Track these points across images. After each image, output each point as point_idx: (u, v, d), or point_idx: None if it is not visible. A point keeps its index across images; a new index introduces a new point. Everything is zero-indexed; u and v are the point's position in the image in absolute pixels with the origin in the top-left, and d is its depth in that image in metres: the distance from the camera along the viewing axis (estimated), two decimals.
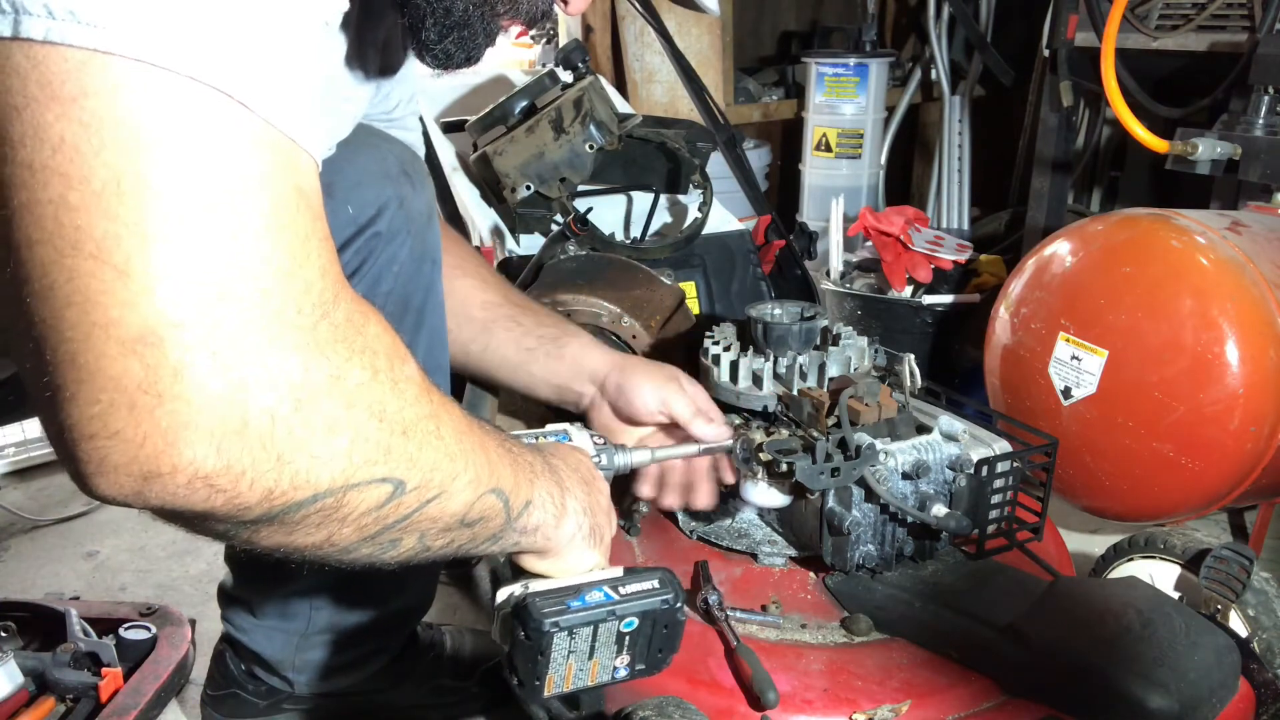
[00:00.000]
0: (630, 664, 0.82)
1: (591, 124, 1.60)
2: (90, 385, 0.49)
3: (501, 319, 1.15)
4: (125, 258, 0.48)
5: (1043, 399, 1.51)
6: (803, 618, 1.03)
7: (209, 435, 0.51)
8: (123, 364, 0.49)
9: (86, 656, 1.22)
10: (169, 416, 0.50)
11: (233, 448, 0.51)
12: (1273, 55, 1.66)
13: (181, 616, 1.34)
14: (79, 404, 0.50)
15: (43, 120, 0.48)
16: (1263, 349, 1.28)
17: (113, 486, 0.51)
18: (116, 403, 0.49)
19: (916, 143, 3.57)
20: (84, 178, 0.48)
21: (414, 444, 0.62)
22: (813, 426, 1.04)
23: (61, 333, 0.49)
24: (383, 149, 1.01)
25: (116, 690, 1.18)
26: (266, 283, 0.52)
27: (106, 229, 0.48)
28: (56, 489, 2.04)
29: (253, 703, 1.25)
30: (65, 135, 0.48)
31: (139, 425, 0.50)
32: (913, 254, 2.12)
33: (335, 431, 0.56)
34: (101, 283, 0.48)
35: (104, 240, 0.48)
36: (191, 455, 0.51)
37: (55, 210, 0.48)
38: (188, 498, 0.52)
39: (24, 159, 0.48)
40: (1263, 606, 1.11)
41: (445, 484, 0.65)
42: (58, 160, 0.48)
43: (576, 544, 0.82)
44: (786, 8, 3.64)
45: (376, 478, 0.59)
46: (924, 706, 0.91)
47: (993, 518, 1.04)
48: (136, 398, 0.49)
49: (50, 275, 0.49)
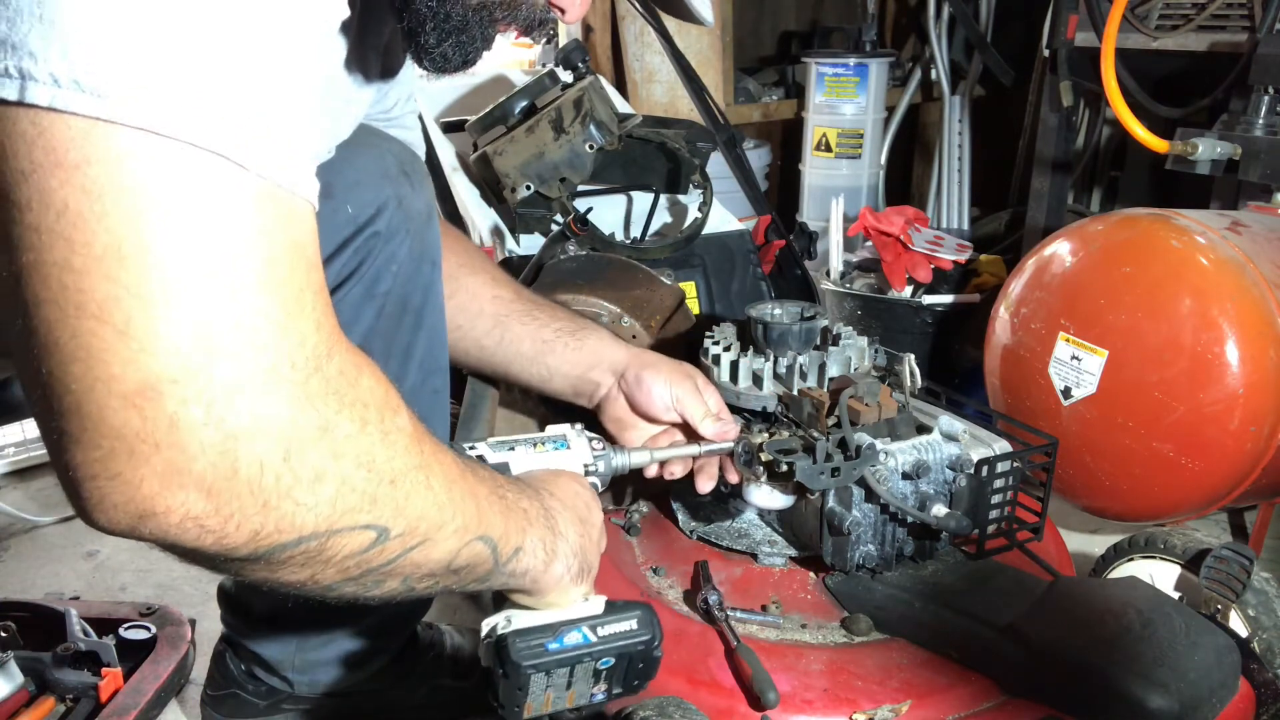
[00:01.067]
0: (607, 691, 0.84)
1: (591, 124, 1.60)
2: (93, 433, 0.53)
3: (515, 313, 1.15)
4: (125, 319, 0.52)
5: (1043, 399, 1.51)
6: (803, 618, 1.03)
7: (200, 481, 0.54)
8: (123, 416, 0.52)
9: (86, 656, 1.22)
10: (164, 463, 0.53)
11: (222, 493, 0.55)
12: (1273, 55, 1.66)
13: (181, 616, 1.34)
14: (83, 448, 0.53)
15: (47, 186, 0.51)
16: (1263, 349, 1.29)
17: (111, 522, 0.55)
18: (117, 450, 0.53)
19: (916, 143, 3.57)
20: (86, 242, 0.51)
21: (401, 493, 0.64)
22: (813, 427, 1.04)
23: (67, 385, 0.53)
24: (381, 149, 1.01)
25: (116, 690, 1.18)
26: (262, 338, 0.55)
27: (108, 291, 0.51)
28: (56, 489, 2.04)
29: (252, 703, 1.25)
30: (69, 201, 0.51)
31: (136, 470, 0.53)
32: (913, 254, 2.12)
33: (321, 480, 0.59)
34: (103, 341, 0.52)
35: (105, 302, 0.51)
36: (183, 499, 0.54)
37: (60, 273, 0.51)
38: (179, 535, 0.56)
39: (30, 222, 0.51)
40: (1263, 606, 1.11)
41: (430, 532, 0.67)
42: (62, 225, 0.51)
43: (564, 584, 0.83)
44: (786, 8, 3.64)
45: (360, 524, 0.62)
46: (924, 706, 0.91)
47: (993, 518, 1.04)
48: (135, 446, 0.53)
49: (56, 332, 0.52)
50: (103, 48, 0.50)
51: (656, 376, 1.09)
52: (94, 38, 0.50)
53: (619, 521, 1.22)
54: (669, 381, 1.09)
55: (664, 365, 1.11)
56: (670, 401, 1.08)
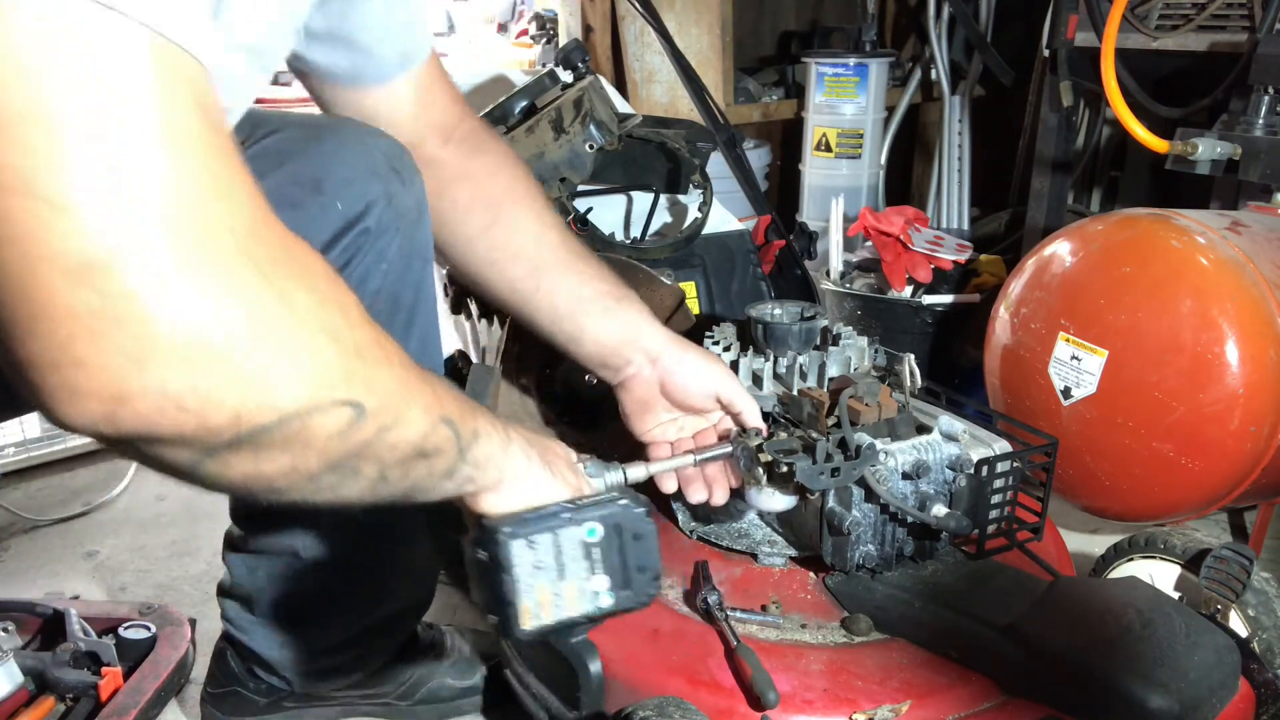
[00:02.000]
0: (611, 587, 0.78)
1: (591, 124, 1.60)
2: (47, 318, 0.49)
3: (556, 262, 1.06)
4: (52, 190, 0.48)
5: (1043, 399, 1.51)
6: (803, 618, 1.03)
7: (169, 355, 0.51)
8: (75, 294, 0.49)
9: (86, 656, 1.22)
10: (130, 341, 0.50)
11: (196, 368, 0.52)
12: (1273, 55, 1.66)
13: (181, 616, 1.34)
14: (39, 337, 0.50)
15: None
16: (1263, 349, 1.29)
17: (83, 414, 0.52)
18: (76, 332, 0.50)
19: (916, 143, 3.57)
20: None
21: (369, 367, 0.62)
22: (812, 427, 1.04)
23: (8, 271, 0.49)
24: (370, 144, 0.99)
25: (116, 690, 1.18)
26: (194, 200, 0.52)
27: (25, 163, 0.48)
28: (56, 489, 2.04)
29: (253, 700, 1.26)
30: None
31: (100, 351, 0.50)
32: (913, 254, 2.12)
33: (292, 352, 0.56)
34: (36, 218, 0.48)
35: (27, 174, 0.48)
36: (159, 376, 0.51)
37: None
38: (157, 421, 0.53)
39: None
40: (1263, 606, 1.11)
41: (401, 410, 0.65)
42: None
43: (533, 472, 0.79)
44: (786, 8, 3.64)
45: (338, 399, 0.59)
46: (924, 706, 0.91)
47: (993, 518, 1.04)
48: (94, 325, 0.50)
49: None
50: None
51: (695, 364, 1.05)
52: None
53: None
54: (708, 369, 1.05)
55: (701, 354, 1.07)
56: (711, 388, 1.05)
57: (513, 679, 1.12)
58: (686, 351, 1.06)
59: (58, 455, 2.10)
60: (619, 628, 1.01)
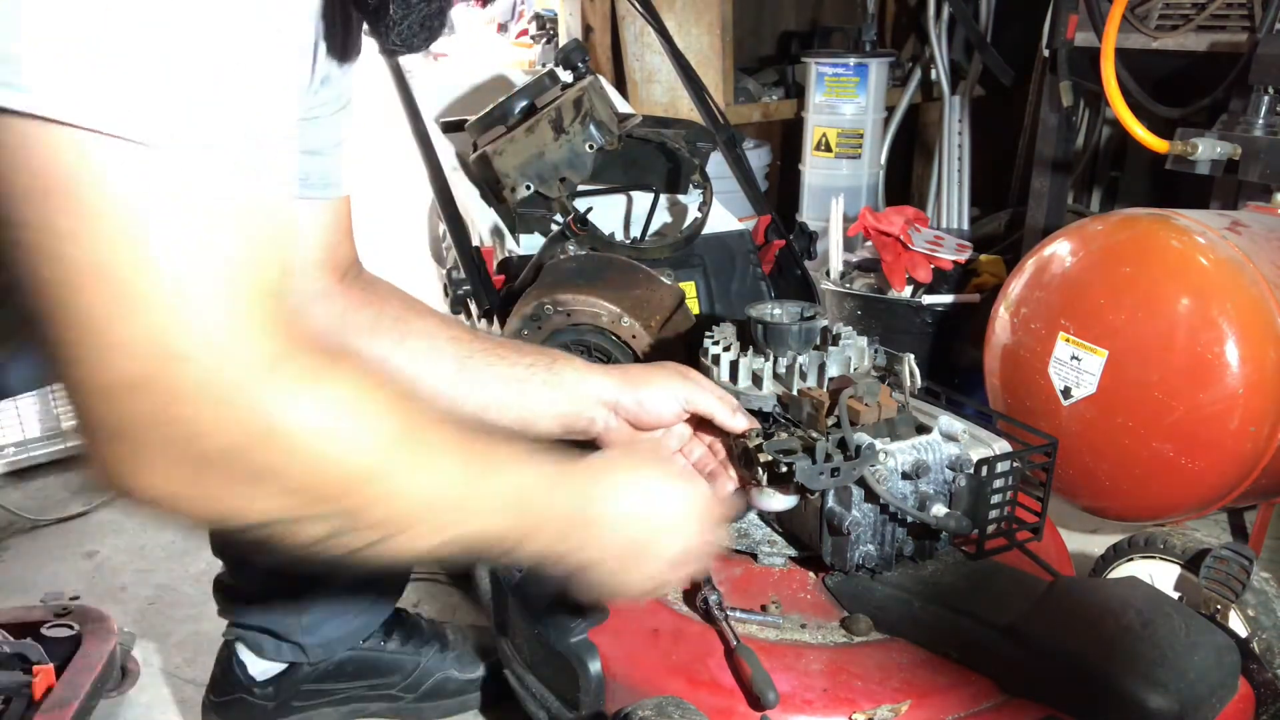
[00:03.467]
0: None
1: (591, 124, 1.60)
2: (83, 421, 0.58)
3: (478, 353, 1.04)
4: (96, 322, 0.55)
5: (1043, 399, 1.51)
6: (802, 618, 1.03)
7: (168, 467, 0.59)
8: (103, 408, 0.57)
9: (14, 657, 1.21)
10: (133, 450, 0.58)
11: (187, 479, 0.60)
12: (1273, 55, 1.66)
13: (101, 612, 1.33)
14: (80, 430, 0.59)
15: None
16: (1263, 349, 1.28)
17: (104, 486, 0.60)
18: (98, 436, 0.58)
19: (916, 143, 3.57)
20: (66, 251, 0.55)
21: (371, 490, 0.65)
22: (812, 427, 1.04)
23: (63, 377, 0.58)
24: None
25: (50, 687, 1.18)
26: (219, 337, 0.57)
27: (86, 299, 0.55)
28: (56, 489, 2.04)
29: (260, 705, 1.26)
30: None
31: (114, 452, 0.59)
32: (913, 254, 2.12)
33: (280, 474, 0.62)
34: (81, 342, 0.56)
35: (85, 307, 0.55)
36: (156, 480, 0.59)
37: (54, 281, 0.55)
38: (157, 506, 0.61)
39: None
40: (1263, 606, 1.11)
41: (403, 527, 0.69)
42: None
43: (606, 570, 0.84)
44: (786, 8, 3.64)
45: (322, 513, 0.65)
46: (924, 706, 0.91)
47: (992, 518, 1.04)
48: (113, 432, 0.58)
49: (51, 329, 0.56)
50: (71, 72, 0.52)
51: (655, 392, 1.05)
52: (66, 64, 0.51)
53: None
54: (668, 390, 1.05)
55: (656, 377, 1.06)
56: (680, 406, 1.05)
57: (512, 679, 1.12)
58: (640, 388, 1.04)
59: (57, 455, 2.10)
60: (619, 628, 1.01)
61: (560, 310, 1.36)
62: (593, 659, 0.98)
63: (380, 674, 1.29)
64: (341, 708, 1.30)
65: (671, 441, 1.09)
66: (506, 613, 1.13)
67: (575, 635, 1.00)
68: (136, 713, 1.37)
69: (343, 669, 1.28)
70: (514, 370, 1.04)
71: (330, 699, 1.29)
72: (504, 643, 1.15)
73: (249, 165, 0.58)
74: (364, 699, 1.30)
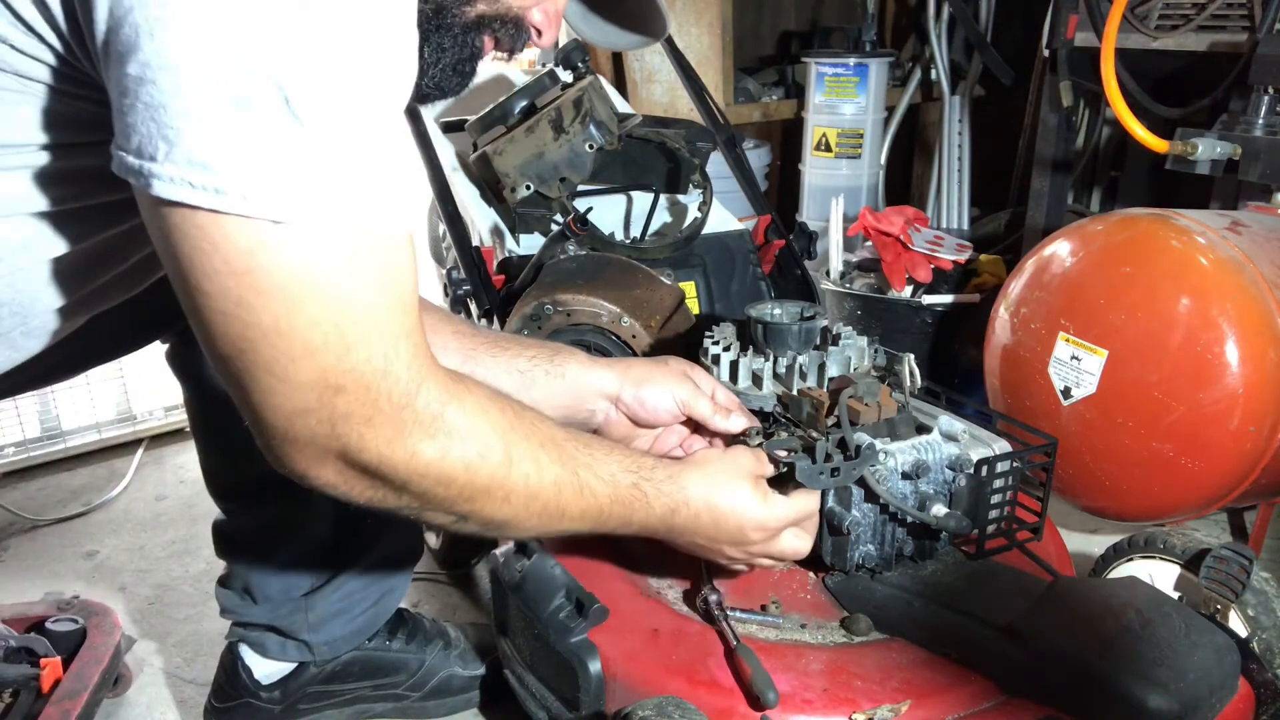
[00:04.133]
0: None
1: (591, 124, 1.60)
2: (264, 437, 0.73)
3: (481, 348, 1.07)
4: (270, 368, 0.68)
5: (1043, 399, 1.51)
6: (802, 618, 1.03)
7: (330, 468, 0.73)
8: (283, 426, 0.70)
9: (20, 651, 1.22)
10: (307, 455, 0.72)
11: (345, 473, 0.74)
12: (1273, 55, 1.66)
13: (103, 606, 1.34)
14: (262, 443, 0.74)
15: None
16: (1263, 349, 1.28)
17: (286, 468, 0.74)
18: (275, 443, 0.72)
19: (916, 143, 3.57)
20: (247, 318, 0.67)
21: (479, 505, 0.79)
22: (812, 427, 1.04)
23: (246, 402, 0.72)
24: None
25: (58, 679, 1.18)
26: (363, 381, 0.69)
27: (262, 354, 0.68)
28: (56, 489, 2.04)
29: (266, 709, 1.25)
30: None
31: (290, 455, 0.73)
32: (913, 254, 2.12)
33: (408, 487, 0.76)
34: (260, 383, 0.69)
35: (263, 361, 0.68)
36: (322, 474, 0.74)
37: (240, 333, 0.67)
38: (327, 490, 0.76)
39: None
40: (1262, 606, 1.11)
41: (506, 527, 0.84)
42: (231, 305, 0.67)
43: None
44: (786, 8, 3.64)
45: (442, 511, 0.79)
46: (923, 706, 0.91)
47: (992, 518, 1.04)
48: (287, 444, 0.72)
49: (237, 380, 0.70)
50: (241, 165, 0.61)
51: (655, 390, 1.06)
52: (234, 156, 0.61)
53: None
54: (668, 390, 1.06)
55: (657, 375, 1.07)
56: (677, 407, 1.07)
57: (512, 679, 1.12)
58: (643, 385, 1.06)
59: (58, 455, 2.10)
60: (619, 628, 1.01)
61: (560, 310, 1.36)
62: (593, 659, 0.98)
63: (386, 673, 1.29)
64: (347, 709, 1.30)
65: (671, 438, 1.10)
66: (506, 612, 1.13)
67: (575, 635, 1.00)
68: (136, 713, 1.37)
69: (349, 669, 1.28)
70: (517, 363, 1.06)
71: (336, 700, 1.28)
72: (504, 642, 1.15)
73: (387, 221, 0.68)
74: (370, 699, 1.30)
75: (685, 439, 1.10)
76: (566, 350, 1.10)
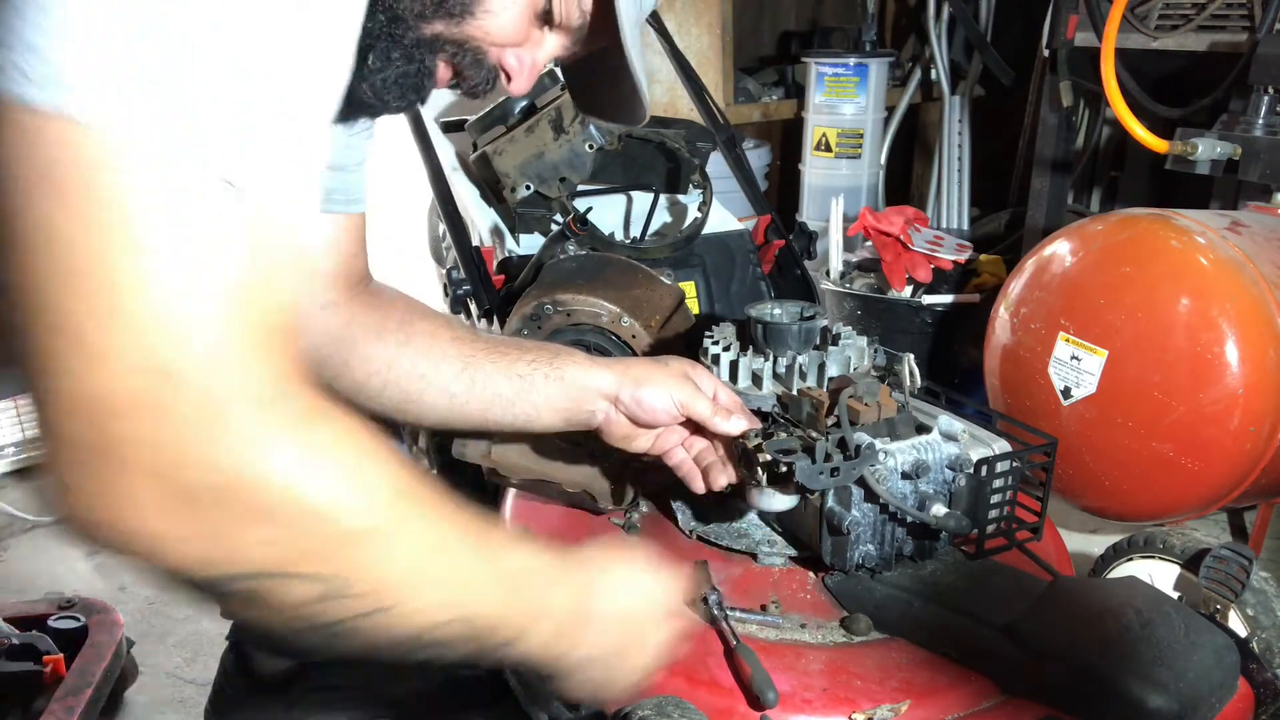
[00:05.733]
0: None
1: (591, 124, 1.60)
2: (53, 443, 0.52)
3: (481, 352, 1.05)
4: (83, 341, 0.50)
5: (1043, 399, 1.51)
6: (802, 617, 1.03)
7: (149, 501, 0.53)
8: (77, 428, 0.51)
9: (23, 648, 1.22)
10: (112, 480, 0.52)
11: (169, 514, 0.53)
12: (1273, 55, 1.66)
13: (104, 604, 1.34)
14: (48, 457, 0.53)
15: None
16: (1263, 349, 1.28)
17: (71, 525, 0.54)
18: (72, 460, 0.52)
19: (916, 143, 3.58)
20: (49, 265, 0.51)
21: (359, 553, 0.60)
22: (812, 427, 1.04)
23: (34, 392, 0.52)
24: None
25: (61, 675, 1.19)
26: (218, 365, 0.53)
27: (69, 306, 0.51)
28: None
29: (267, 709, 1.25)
30: None
31: (89, 480, 0.52)
32: (913, 254, 2.12)
33: (262, 521, 0.56)
34: (60, 356, 0.51)
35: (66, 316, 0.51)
36: (133, 516, 0.53)
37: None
38: (132, 549, 0.55)
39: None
40: (1262, 606, 1.11)
41: (391, 603, 0.63)
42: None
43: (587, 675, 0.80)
44: (786, 8, 3.64)
45: (304, 573, 0.58)
46: (923, 706, 0.91)
47: (992, 517, 1.04)
48: (87, 457, 0.52)
49: (27, 343, 0.51)
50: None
51: (654, 391, 1.05)
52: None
53: (618, 521, 1.22)
54: (667, 391, 1.05)
55: (657, 375, 1.06)
56: (676, 408, 1.06)
57: (512, 679, 1.12)
58: (642, 385, 1.05)
59: None
60: None
61: (560, 310, 1.36)
62: None
63: (391, 670, 1.29)
64: (350, 708, 1.30)
65: (672, 438, 1.10)
66: None
67: None
68: (136, 713, 1.37)
69: (353, 666, 1.28)
70: (516, 367, 1.05)
71: (337, 699, 1.28)
72: None
73: (274, 189, 0.55)
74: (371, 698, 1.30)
75: (686, 439, 1.10)
76: (566, 352, 1.09)
